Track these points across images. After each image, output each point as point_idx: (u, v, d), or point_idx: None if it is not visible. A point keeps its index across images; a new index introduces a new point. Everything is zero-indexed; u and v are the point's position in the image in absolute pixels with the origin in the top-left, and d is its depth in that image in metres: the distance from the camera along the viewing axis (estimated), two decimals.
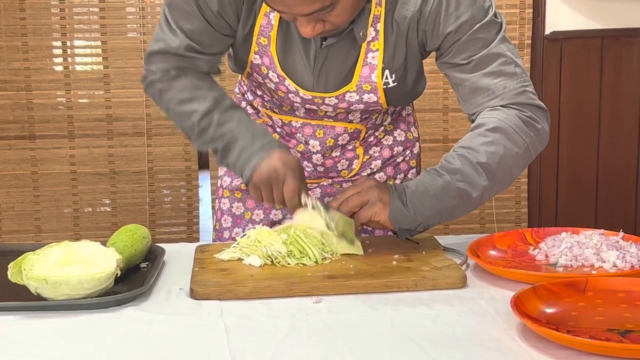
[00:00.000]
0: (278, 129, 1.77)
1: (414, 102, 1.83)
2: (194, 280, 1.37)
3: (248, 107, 1.83)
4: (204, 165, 3.72)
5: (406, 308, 1.27)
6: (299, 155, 1.76)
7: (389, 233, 1.63)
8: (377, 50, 1.55)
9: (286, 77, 1.60)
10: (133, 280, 1.41)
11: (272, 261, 1.45)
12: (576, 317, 1.17)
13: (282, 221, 1.74)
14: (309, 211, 1.50)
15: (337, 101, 1.62)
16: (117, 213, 3.54)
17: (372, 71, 1.57)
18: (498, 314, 1.23)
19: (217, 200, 1.87)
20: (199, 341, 1.15)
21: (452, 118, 3.57)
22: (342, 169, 1.78)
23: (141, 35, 3.43)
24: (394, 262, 1.44)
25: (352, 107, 1.64)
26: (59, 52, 3.44)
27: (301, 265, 1.43)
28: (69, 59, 3.45)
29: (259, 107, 1.79)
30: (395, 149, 1.81)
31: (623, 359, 1.05)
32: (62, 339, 1.17)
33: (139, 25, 3.43)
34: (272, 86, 1.64)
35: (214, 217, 1.89)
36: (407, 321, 1.21)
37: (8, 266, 1.31)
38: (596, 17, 3.54)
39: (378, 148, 1.79)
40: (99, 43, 3.43)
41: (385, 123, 1.79)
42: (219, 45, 1.61)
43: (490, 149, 1.49)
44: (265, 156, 1.51)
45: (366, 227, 1.64)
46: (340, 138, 1.72)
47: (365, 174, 1.78)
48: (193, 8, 1.54)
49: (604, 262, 1.41)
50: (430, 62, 1.65)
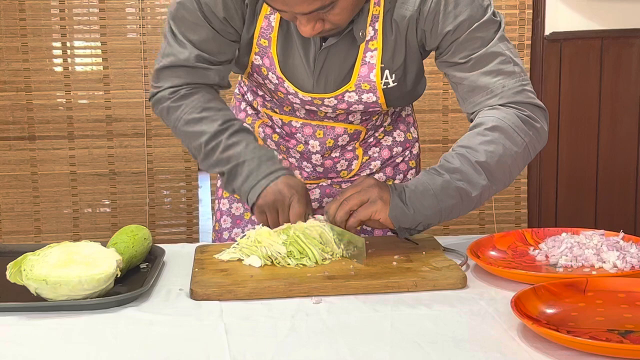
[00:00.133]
0: (278, 129, 1.76)
1: (413, 103, 1.83)
2: (193, 280, 1.37)
3: (248, 107, 1.82)
4: None
5: (406, 309, 1.27)
6: (299, 155, 1.76)
7: (389, 233, 1.63)
8: (375, 49, 1.55)
9: (285, 79, 1.60)
10: (133, 280, 1.41)
11: (272, 262, 1.44)
12: (576, 318, 1.17)
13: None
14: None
15: (336, 102, 1.62)
16: (117, 214, 3.54)
17: (370, 70, 1.57)
18: (498, 315, 1.23)
19: (216, 201, 1.87)
20: (198, 342, 1.15)
21: (452, 119, 3.57)
22: (342, 170, 1.78)
23: (141, 36, 3.43)
24: (394, 263, 1.44)
25: (351, 108, 1.63)
26: (58, 52, 3.44)
27: (301, 265, 1.43)
28: (69, 60, 3.45)
29: (258, 107, 1.79)
30: (395, 149, 1.81)
31: (623, 359, 1.05)
32: (61, 340, 1.17)
33: (138, 26, 3.43)
34: (272, 87, 1.64)
35: (214, 217, 1.88)
36: (407, 322, 1.21)
37: (7, 266, 1.31)
38: (596, 18, 3.54)
39: (377, 149, 1.79)
40: (98, 44, 3.43)
41: (385, 124, 1.79)
42: (227, 52, 1.60)
43: (489, 148, 1.49)
44: (271, 182, 1.52)
45: (366, 227, 1.64)
46: (340, 139, 1.72)
47: (364, 174, 1.78)
48: (199, 18, 1.54)
49: (604, 262, 1.40)
50: (429, 63, 1.65)
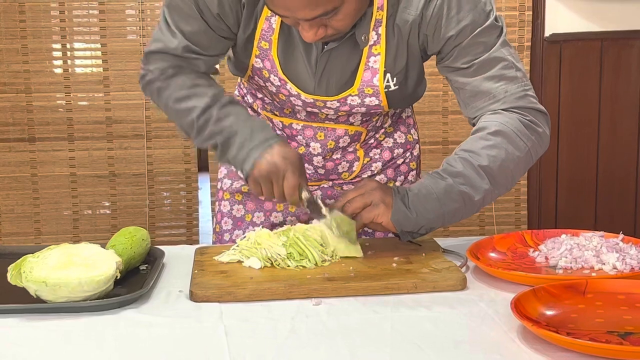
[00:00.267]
0: (278, 131, 1.76)
1: (413, 105, 1.83)
2: (193, 282, 1.37)
3: (248, 109, 1.82)
4: (203, 167, 3.72)
5: (406, 310, 1.27)
6: None
7: (389, 235, 1.63)
8: (378, 54, 1.55)
9: (288, 80, 1.60)
10: (133, 282, 1.41)
11: (271, 263, 1.44)
12: (576, 319, 1.17)
13: (283, 224, 1.75)
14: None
15: (338, 104, 1.62)
16: (117, 215, 3.54)
17: (374, 75, 1.57)
18: (498, 316, 1.23)
19: (217, 203, 1.87)
20: (198, 344, 1.15)
21: (452, 120, 3.57)
22: (343, 171, 1.78)
23: (141, 38, 3.43)
24: (394, 265, 1.44)
25: (353, 111, 1.64)
26: (58, 54, 3.44)
27: (301, 267, 1.43)
28: (69, 62, 3.45)
29: (258, 110, 1.79)
30: (396, 151, 1.81)
31: None
32: (61, 341, 1.17)
33: (138, 27, 3.43)
34: (274, 89, 1.64)
35: (214, 219, 1.88)
36: (407, 323, 1.21)
37: (8, 268, 1.31)
38: (595, 20, 3.54)
39: (378, 150, 1.79)
40: (98, 45, 3.43)
41: (386, 125, 1.79)
42: (217, 47, 1.61)
43: (492, 152, 1.49)
44: (265, 151, 1.51)
45: (367, 229, 1.64)
46: (341, 140, 1.72)
47: (365, 176, 1.78)
48: (193, 10, 1.54)
49: (604, 264, 1.40)
50: (429, 65, 1.65)
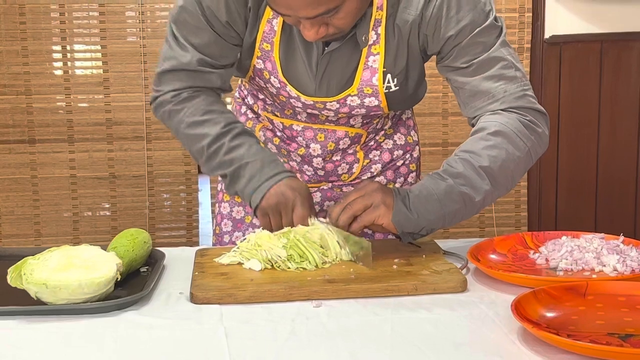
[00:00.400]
0: (279, 133, 1.76)
1: (413, 106, 1.83)
2: (194, 284, 1.37)
3: (248, 110, 1.82)
4: None
5: (406, 312, 1.27)
6: (300, 158, 1.76)
7: (390, 236, 1.63)
8: (378, 53, 1.55)
9: (287, 83, 1.60)
10: (133, 284, 1.41)
11: (272, 265, 1.44)
12: (576, 321, 1.17)
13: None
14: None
15: (338, 106, 1.62)
16: (117, 217, 3.54)
17: (373, 74, 1.57)
18: (498, 318, 1.22)
19: (217, 204, 1.87)
20: (199, 345, 1.15)
21: (452, 122, 3.57)
22: (343, 173, 1.78)
23: (141, 40, 3.43)
24: (394, 266, 1.44)
25: (353, 112, 1.64)
26: (58, 56, 3.44)
27: (301, 269, 1.43)
28: (69, 63, 3.45)
29: (259, 111, 1.79)
30: (395, 152, 1.81)
31: None
32: (62, 344, 1.17)
33: (138, 29, 3.43)
34: (274, 91, 1.64)
35: (214, 221, 1.88)
36: (407, 325, 1.21)
37: (8, 270, 1.31)
38: (595, 21, 3.54)
39: (378, 152, 1.79)
40: (98, 47, 3.44)
41: (386, 127, 1.79)
42: (229, 55, 1.60)
43: (492, 152, 1.49)
44: (274, 184, 1.52)
45: (367, 230, 1.64)
46: (341, 142, 1.72)
47: (365, 177, 1.78)
48: (201, 21, 1.53)
49: (605, 266, 1.40)
50: (429, 66, 1.65)
